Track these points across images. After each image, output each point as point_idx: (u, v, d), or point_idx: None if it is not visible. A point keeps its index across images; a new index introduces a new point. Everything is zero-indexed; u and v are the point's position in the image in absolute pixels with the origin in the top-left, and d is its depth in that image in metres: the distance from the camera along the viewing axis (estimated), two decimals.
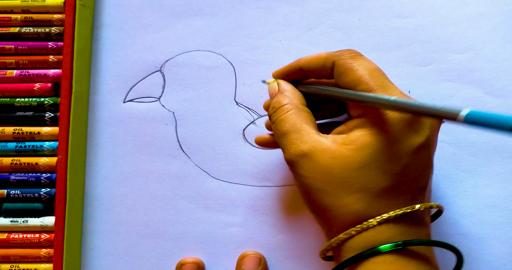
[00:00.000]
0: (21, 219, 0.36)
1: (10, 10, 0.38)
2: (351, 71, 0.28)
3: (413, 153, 0.26)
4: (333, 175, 0.26)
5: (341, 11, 0.38)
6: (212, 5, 0.38)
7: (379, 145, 0.26)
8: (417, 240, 0.26)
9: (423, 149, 0.27)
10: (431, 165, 0.28)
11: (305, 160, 0.27)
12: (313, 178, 0.27)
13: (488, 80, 0.36)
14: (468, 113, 0.22)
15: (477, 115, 0.21)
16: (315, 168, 0.27)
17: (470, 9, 0.37)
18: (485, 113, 0.21)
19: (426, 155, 0.27)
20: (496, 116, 0.21)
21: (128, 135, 0.37)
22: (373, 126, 0.27)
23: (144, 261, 0.36)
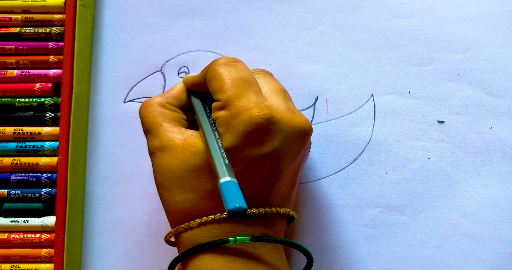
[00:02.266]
0: (21, 219, 0.36)
1: (10, 10, 0.38)
2: (215, 79, 0.29)
3: (251, 162, 0.27)
4: (171, 173, 0.28)
5: (341, 11, 0.38)
6: (212, 5, 0.39)
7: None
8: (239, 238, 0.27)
9: (266, 160, 0.27)
10: (279, 176, 0.28)
11: (157, 155, 0.29)
12: (158, 173, 0.29)
13: (488, 80, 0.36)
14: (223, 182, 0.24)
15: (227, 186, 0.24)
16: (161, 164, 0.29)
17: (470, 9, 0.37)
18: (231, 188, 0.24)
19: (271, 166, 0.28)
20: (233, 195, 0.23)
21: (128, 135, 0.37)
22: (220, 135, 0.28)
23: (145, 261, 0.36)
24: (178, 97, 0.32)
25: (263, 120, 0.27)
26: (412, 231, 0.35)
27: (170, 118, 0.30)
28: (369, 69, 0.37)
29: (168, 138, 0.29)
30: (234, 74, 0.29)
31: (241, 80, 0.28)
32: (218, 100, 0.28)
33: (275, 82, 0.31)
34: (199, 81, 0.31)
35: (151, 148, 0.30)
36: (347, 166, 0.36)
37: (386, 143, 0.36)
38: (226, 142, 0.27)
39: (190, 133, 0.29)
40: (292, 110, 0.29)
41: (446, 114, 0.36)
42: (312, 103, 0.37)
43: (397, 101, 0.36)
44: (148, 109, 0.31)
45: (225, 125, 0.27)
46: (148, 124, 0.30)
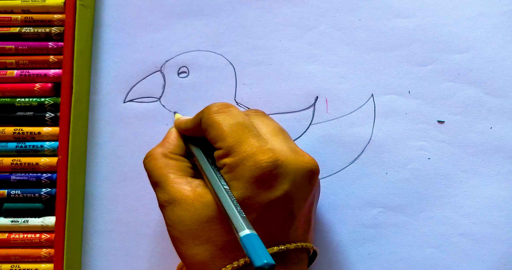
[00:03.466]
0: (21, 219, 0.36)
1: (10, 10, 0.38)
2: (212, 127, 0.28)
3: (264, 208, 0.27)
4: (185, 226, 0.28)
5: (341, 11, 0.38)
6: (212, 5, 0.39)
7: None
8: None
9: (279, 204, 0.27)
10: (294, 218, 0.28)
11: (168, 209, 0.29)
12: (171, 227, 0.28)
13: (488, 80, 0.36)
14: (244, 236, 0.24)
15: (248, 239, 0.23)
16: (173, 218, 0.28)
17: (470, 9, 0.37)
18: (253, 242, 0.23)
19: (284, 209, 0.28)
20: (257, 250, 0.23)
21: (128, 135, 0.37)
22: (227, 182, 0.27)
23: (145, 261, 0.36)
24: (177, 144, 0.32)
25: (269, 164, 0.27)
26: (412, 231, 0.35)
27: (176, 169, 0.30)
28: (369, 69, 0.37)
29: (176, 190, 0.28)
30: (230, 120, 0.28)
31: (238, 126, 0.28)
32: (220, 148, 0.28)
33: (271, 122, 0.31)
34: (192, 127, 0.31)
35: (161, 201, 0.29)
36: (347, 166, 0.36)
37: (386, 143, 0.36)
38: (236, 190, 0.27)
39: (198, 183, 0.29)
40: (295, 150, 0.29)
41: (446, 114, 0.36)
42: (312, 103, 0.37)
43: (397, 101, 0.36)
44: (152, 162, 0.30)
45: (231, 173, 0.27)
46: (154, 177, 0.30)
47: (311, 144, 0.36)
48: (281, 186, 0.27)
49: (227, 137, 0.28)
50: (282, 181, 0.27)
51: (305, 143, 0.36)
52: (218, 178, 0.28)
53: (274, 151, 0.27)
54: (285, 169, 0.27)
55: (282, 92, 0.37)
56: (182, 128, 0.32)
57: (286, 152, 0.28)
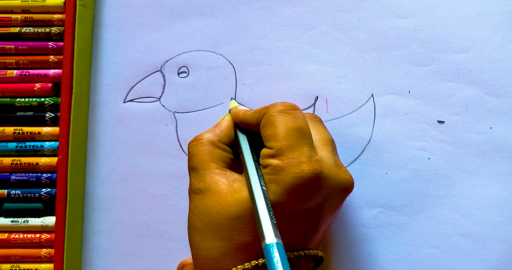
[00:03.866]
0: (21, 219, 0.36)
1: (10, 10, 0.38)
2: (271, 125, 0.28)
3: (293, 217, 0.27)
4: (209, 218, 0.27)
5: (341, 11, 0.38)
6: (212, 5, 0.39)
7: None
8: None
9: (308, 215, 0.27)
10: (317, 229, 0.28)
11: (198, 197, 0.28)
12: (195, 215, 0.28)
13: (488, 80, 0.36)
14: (270, 244, 0.23)
15: (273, 249, 0.23)
16: (201, 207, 0.28)
17: (470, 9, 0.37)
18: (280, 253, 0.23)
19: (312, 220, 0.28)
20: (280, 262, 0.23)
21: (128, 135, 0.37)
22: (266, 183, 0.27)
23: (145, 261, 0.36)
24: (228, 133, 0.31)
25: (313, 176, 0.26)
26: (412, 231, 0.35)
27: (219, 159, 0.30)
28: (369, 69, 0.37)
29: (214, 181, 0.28)
30: (291, 123, 0.28)
31: (297, 131, 0.28)
32: (271, 148, 0.28)
33: (324, 130, 0.31)
34: (251, 122, 0.30)
35: (194, 187, 0.29)
36: (347, 166, 0.36)
37: (386, 143, 0.36)
38: (273, 193, 0.27)
39: (236, 178, 0.29)
40: (339, 165, 0.29)
41: (446, 114, 0.36)
42: (312, 103, 0.37)
43: (397, 101, 0.36)
44: (198, 146, 0.30)
45: (273, 175, 0.27)
46: (196, 162, 0.30)
47: None
48: (317, 199, 0.27)
49: (282, 139, 0.27)
50: (319, 194, 0.27)
51: None
52: (259, 176, 0.27)
53: (320, 163, 0.27)
54: (325, 183, 0.27)
55: (282, 92, 0.37)
56: (240, 118, 0.32)
57: (331, 165, 0.28)
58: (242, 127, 0.32)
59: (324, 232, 0.30)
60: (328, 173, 0.27)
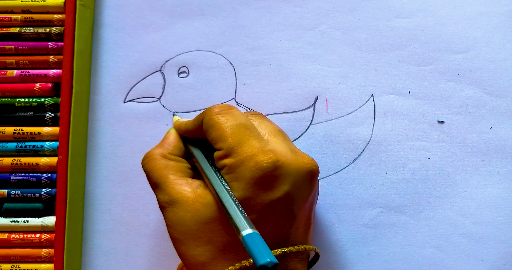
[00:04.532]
0: (21, 219, 0.36)
1: (10, 10, 0.38)
2: (213, 128, 0.28)
3: (264, 209, 0.27)
4: (185, 227, 0.28)
5: (341, 11, 0.38)
6: (212, 5, 0.39)
7: None
8: None
9: (279, 205, 0.27)
10: (294, 218, 0.28)
11: (168, 210, 0.28)
12: (172, 228, 0.28)
13: (488, 80, 0.36)
14: (246, 235, 0.24)
15: (251, 239, 0.24)
16: (174, 219, 0.28)
17: (470, 9, 0.37)
18: (256, 241, 0.23)
19: (285, 210, 0.28)
20: (260, 249, 0.23)
21: (128, 135, 0.37)
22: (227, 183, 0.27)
23: (145, 261, 0.36)
24: (176, 145, 0.32)
25: (270, 165, 0.27)
26: (412, 231, 0.35)
27: (176, 170, 0.30)
28: (369, 69, 0.37)
29: (176, 191, 0.28)
30: (231, 121, 0.28)
31: (240, 127, 0.28)
32: (220, 149, 0.28)
33: (270, 123, 0.31)
34: (193, 128, 0.31)
35: (161, 202, 0.29)
36: (347, 166, 0.36)
37: (386, 143, 0.36)
38: (236, 191, 0.27)
39: (198, 184, 0.29)
40: (295, 151, 0.29)
41: (446, 114, 0.36)
42: (312, 103, 0.37)
43: (397, 101, 0.36)
44: (151, 163, 0.30)
45: (231, 174, 0.27)
46: (154, 178, 0.30)
47: (311, 144, 0.36)
48: (282, 187, 0.27)
49: (228, 138, 0.28)
50: (283, 182, 0.27)
51: (305, 143, 0.36)
52: (219, 178, 0.28)
53: (274, 152, 0.27)
54: (285, 170, 0.27)
55: (282, 92, 0.37)
56: (183, 129, 0.32)
57: (287, 153, 0.28)
58: (190, 138, 0.32)
59: (306, 221, 0.30)
60: (284, 160, 0.27)
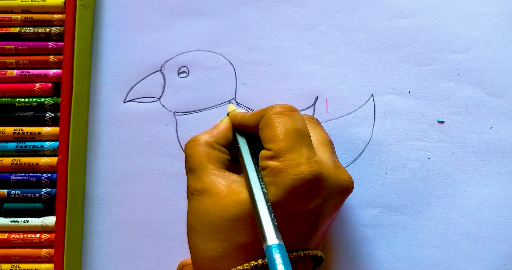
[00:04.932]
0: (21, 219, 0.36)
1: (10, 10, 0.38)
2: (269, 127, 0.28)
3: (292, 218, 0.27)
4: (207, 219, 0.27)
5: (341, 11, 0.38)
6: (212, 5, 0.39)
7: None
8: None
9: (307, 217, 0.27)
10: (315, 231, 0.28)
11: (196, 198, 0.28)
12: (193, 217, 0.28)
13: (488, 80, 0.36)
14: (272, 245, 0.23)
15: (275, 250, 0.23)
16: (199, 208, 0.28)
17: (470, 9, 0.37)
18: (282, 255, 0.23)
19: (311, 222, 0.28)
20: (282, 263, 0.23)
21: (128, 135, 0.37)
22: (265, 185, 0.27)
23: (145, 261, 0.36)
24: (225, 135, 0.31)
25: (312, 177, 0.26)
26: (412, 231, 0.35)
27: (216, 160, 0.30)
28: (369, 69, 0.37)
29: (211, 182, 0.28)
30: (290, 124, 0.28)
31: (296, 132, 0.28)
32: (269, 150, 0.28)
33: (322, 132, 0.31)
34: (250, 123, 0.30)
35: (192, 189, 0.29)
36: (347, 166, 0.36)
37: (386, 143, 0.36)
38: (272, 195, 0.26)
39: (234, 179, 0.29)
40: (338, 165, 0.29)
41: (446, 114, 0.36)
42: (312, 103, 0.37)
43: (397, 101, 0.36)
44: (194, 147, 0.30)
45: (273, 177, 0.27)
46: (193, 163, 0.29)
47: None
48: (316, 200, 0.27)
49: (281, 141, 0.27)
50: (318, 196, 0.27)
51: None
52: (259, 178, 0.27)
53: (319, 164, 0.27)
54: (325, 184, 0.27)
55: (282, 92, 0.37)
56: (238, 120, 0.32)
57: (330, 166, 0.28)
58: (241, 130, 0.32)
59: (324, 232, 0.30)
60: (327, 174, 0.27)
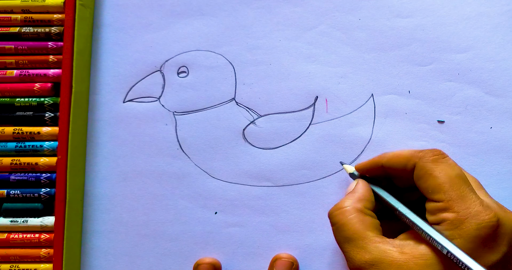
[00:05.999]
0: (21, 219, 0.36)
1: (10, 10, 0.38)
2: (430, 176, 0.27)
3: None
4: None
5: (341, 11, 0.38)
6: (212, 5, 0.38)
7: (449, 264, 0.26)
8: None
9: (497, 267, 0.26)
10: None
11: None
12: None
13: (488, 80, 0.36)
14: None
15: None
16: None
17: (470, 9, 0.37)
18: None
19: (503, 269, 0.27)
20: None
21: (128, 135, 0.37)
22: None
23: (144, 261, 0.36)
24: (369, 199, 0.30)
25: (493, 224, 0.26)
26: None
27: (372, 226, 0.28)
28: (369, 69, 0.37)
29: (381, 250, 0.27)
30: (450, 171, 0.27)
31: (458, 179, 0.27)
32: (438, 201, 0.27)
33: (467, 173, 0.30)
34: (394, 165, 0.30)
35: (359, 261, 0.27)
36: None
37: (386, 143, 0.36)
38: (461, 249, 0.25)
39: (399, 243, 0.27)
40: (501, 206, 0.28)
41: (446, 114, 0.36)
42: (312, 103, 0.37)
43: (397, 101, 0.36)
44: (345, 215, 0.29)
45: (455, 229, 0.26)
46: (349, 232, 0.28)
47: (311, 144, 0.36)
48: (501, 248, 0.26)
49: (449, 190, 0.27)
50: (502, 243, 0.26)
51: (305, 143, 0.36)
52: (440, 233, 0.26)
53: (492, 209, 0.26)
54: (504, 229, 0.26)
55: (282, 92, 0.37)
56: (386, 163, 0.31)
57: (499, 210, 0.27)
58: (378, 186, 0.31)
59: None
60: (502, 218, 0.26)
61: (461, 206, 0.26)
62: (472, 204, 0.26)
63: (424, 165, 0.28)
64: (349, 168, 0.34)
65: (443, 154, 0.29)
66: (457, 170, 0.28)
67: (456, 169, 0.28)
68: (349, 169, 0.34)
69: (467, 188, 0.27)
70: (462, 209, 0.26)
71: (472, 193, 0.27)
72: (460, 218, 0.26)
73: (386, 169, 0.31)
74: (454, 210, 0.26)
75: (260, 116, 0.37)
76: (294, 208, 0.36)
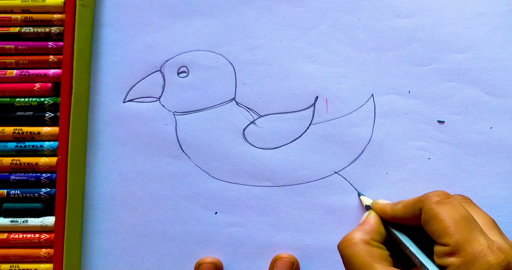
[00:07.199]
0: (21, 219, 0.36)
1: (10, 10, 0.38)
2: (436, 220, 0.27)
3: None
4: None
5: (341, 11, 0.38)
6: (212, 5, 0.38)
7: None
8: None
9: None
10: None
11: None
12: None
13: (488, 80, 0.36)
14: None
15: None
16: None
17: (470, 9, 0.37)
18: None
19: None
20: None
21: (128, 135, 0.37)
22: None
23: (144, 261, 0.36)
24: (379, 230, 0.30)
25: (502, 267, 0.25)
26: None
27: (381, 258, 0.28)
28: (369, 69, 0.37)
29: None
30: (455, 214, 0.27)
31: (464, 221, 0.27)
32: (445, 245, 0.26)
33: (482, 212, 0.30)
34: (406, 216, 0.30)
35: None
36: (347, 166, 0.36)
37: (386, 143, 0.36)
38: None
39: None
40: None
41: (446, 114, 0.36)
42: (312, 103, 0.37)
43: (397, 101, 0.36)
44: (353, 247, 0.29)
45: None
46: (357, 265, 0.28)
47: (311, 144, 0.36)
48: None
49: (455, 234, 0.26)
50: None
51: (305, 143, 0.36)
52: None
53: (502, 250, 0.26)
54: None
55: (282, 92, 0.37)
56: (389, 214, 0.31)
57: (510, 251, 0.26)
58: (393, 223, 0.31)
59: None
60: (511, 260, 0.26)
61: (468, 250, 0.26)
62: (479, 247, 0.26)
63: (429, 209, 0.28)
64: (365, 200, 0.34)
65: (447, 195, 0.29)
66: (462, 211, 0.27)
67: (461, 211, 0.27)
68: (365, 201, 0.34)
69: (474, 230, 0.27)
70: (468, 253, 0.26)
71: (480, 235, 0.26)
72: (466, 263, 0.25)
73: (399, 221, 0.31)
74: (460, 255, 0.26)
75: (260, 116, 0.37)
76: (294, 208, 0.36)
